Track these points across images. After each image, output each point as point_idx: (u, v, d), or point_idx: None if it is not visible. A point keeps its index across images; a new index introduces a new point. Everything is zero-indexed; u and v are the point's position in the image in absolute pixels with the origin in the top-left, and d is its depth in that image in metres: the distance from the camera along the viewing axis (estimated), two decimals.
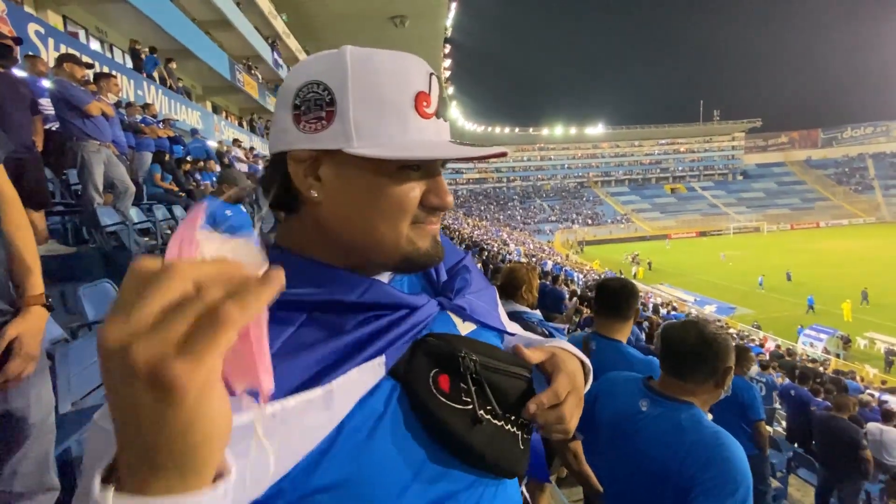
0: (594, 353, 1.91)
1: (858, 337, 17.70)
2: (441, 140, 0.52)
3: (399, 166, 0.50)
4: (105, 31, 11.40)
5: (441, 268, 0.63)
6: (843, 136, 74.71)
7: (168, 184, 6.64)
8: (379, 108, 0.49)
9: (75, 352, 2.03)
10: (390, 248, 0.52)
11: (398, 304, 0.51)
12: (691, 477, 1.06)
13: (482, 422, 0.52)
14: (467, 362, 0.52)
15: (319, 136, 0.49)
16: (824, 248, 38.80)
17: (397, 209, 0.51)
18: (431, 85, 0.51)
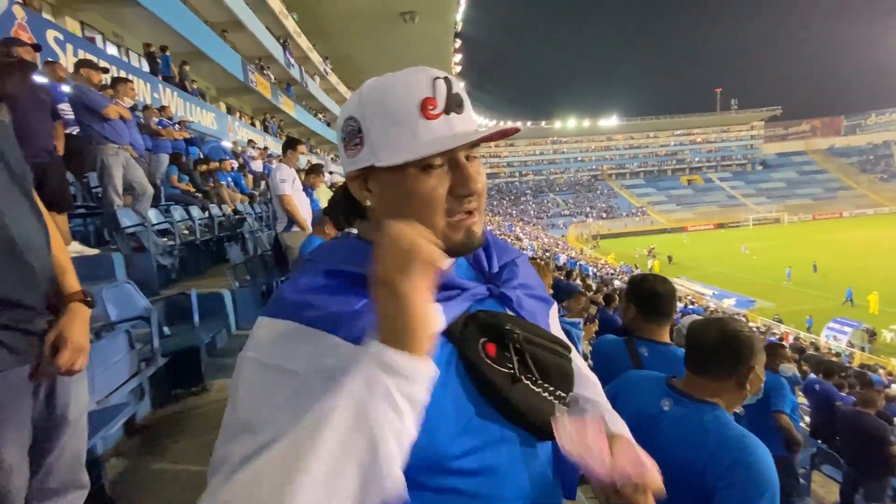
0: (646, 360, 1.79)
1: (885, 330, 17.20)
2: (451, 133, 0.58)
3: (422, 167, 0.58)
4: (121, 36, 11.61)
5: (494, 260, 0.72)
6: (867, 123, 72.43)
7: (185, 185, 6.75)
8: (389, 123, 0.58)
9: (98, 352, 2.07)
10: None
11: (452, 285, 0.62)
12: (715, 480, 1.03)
13: (521, 382, 0.60)
14: (512, 334, 0.62)
15: (359, 157, 0.61)
16: (849, 238, 37.73)
17: (426, 205, 0.59)
18: (436, 88, 0.58)
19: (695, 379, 1.22)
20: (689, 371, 1.24)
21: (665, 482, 1.16)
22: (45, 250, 1.18)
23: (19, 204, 1.14)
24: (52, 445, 1.22)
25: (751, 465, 1.01)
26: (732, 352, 1.16)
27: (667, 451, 1.16)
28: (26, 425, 1.13)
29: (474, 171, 0.60)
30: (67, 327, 1.17)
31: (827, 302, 21.26)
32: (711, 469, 1.05)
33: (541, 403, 0.62)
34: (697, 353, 1.21)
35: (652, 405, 1.24)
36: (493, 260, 0.72)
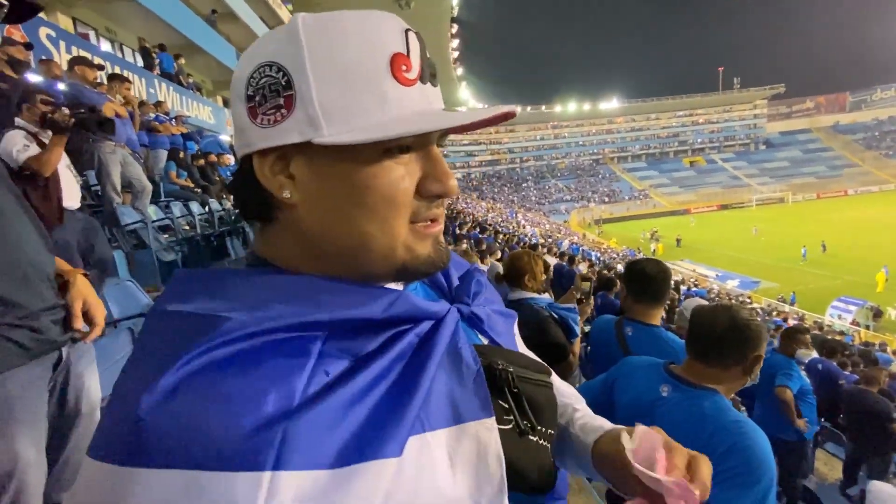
0: (630, 340, 1.84)
1: (890, 308, 17.17)
2: (431, 109, 0.43)
3: (383, 150, 0.41)
4: (115, 31, 11.51)
5: (451, 271, 0.56)
6: (872, 99, 71.37)
7: (184, 180, 6.75)
8: (346, 82, 0.40)
9: (101, 350, 2.09)
10: (383, 254, 0.43)
11: (424, 316, 0.43)
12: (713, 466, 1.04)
13: (525, 438, 0.48)
14: (504, 375, 0.48)
15: (281, 127, 0.40)
16: (855, 216, 37.47)
17: (387, 204, 0.41)
18: (409, 44, 0.42)
19: (696, 365, 1.21)
20: (691, 357, 1.24)
21: None
22: (45, 251, 1.20)
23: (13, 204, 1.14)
24: (67, 439, 1.25)
25: (747, 450, 1.02)
26: (742, 340, 1.15)
27: None
28: (42, 420, 1.16)
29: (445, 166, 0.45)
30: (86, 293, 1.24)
31: (833, 281, 21.19)
32: (709, 453, 1.05)
33: (544, 458, 0.50)
34: (704, 340, 1.20)
35: (651, 391, 1.25)
36: (450, 271, 0.56)
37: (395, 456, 0.35)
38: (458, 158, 69.96)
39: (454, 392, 0.42)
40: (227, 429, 0.31)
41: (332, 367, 0.36)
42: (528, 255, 2.36)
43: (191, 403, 0.31)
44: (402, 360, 0.40)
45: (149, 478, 0.30)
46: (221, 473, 0.30)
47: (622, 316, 1.92)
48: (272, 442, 0.31)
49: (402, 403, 0.37)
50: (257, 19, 17.65)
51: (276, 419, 0.31)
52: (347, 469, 0.32)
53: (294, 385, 0.34)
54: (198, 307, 0.37)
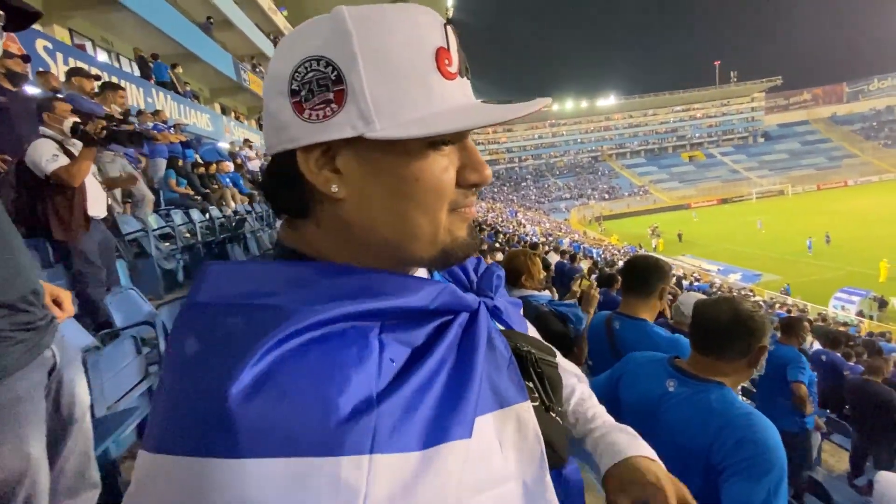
0: (617, 333, 1.87)
1: (893, 297, 17.13)
2: (471, 103, 0.44)
3: (428, 144, 0.42)
4: (111, 41, 11.55)
5: (468, 267, 0.59)
6: (869, 89, 71.29)
7: (183, 188, 6.76)
8: (397, 77, 0.40)
9: (106, 359, 2.10)
10: (428, 241, 0.44)
11: (464, 307, 0.45)
12: (722, 459, 1.03)
13: (549, 415, 0.52)
14: (531, 357, 0.53)
15: (331, 122, 0.40)
16: (855, 207, 37.39)
17: (434, 194, 0.43)
18: (449, 38, 0.43)
19: (701, 359, 1.21)
20: (696, 351, 1.23)
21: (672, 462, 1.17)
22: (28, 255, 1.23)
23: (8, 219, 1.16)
24: (62, 445, 1.26)
25: (757, 443, 1.01)
26: (746, 332, 1.15)
27: (673, 431, 1.16)
28: (44, 423, 1.18)
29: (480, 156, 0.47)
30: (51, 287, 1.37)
31: (835, 272, 21.15)
32: (718, 447, 1.05)
33: (562, 429, 0.55)
34: (709, 334, 1.20)
35: (657, 386, 1.24)
36: (467, 266, 0.59)
37: (467, 437, 0.37)
38: None
39: (493, 378, 0.45)
40: (322, 416, 0.32)
41: (395, 355, 0.38)
42: (524, 254, 2.36)
43: (280, 393, 0.32)
44: (454, 349, 0.42)
45: (251, 468, 0.30)
46: (325, 458, 0.31)
47: (612, 311, 1.94)
48: (368, 426, 0.32)
49: (465, 388, 0.39)
50: (253, 26, 17.71)
51: (366, 405, 0.33)
52: (432, 450, 0.34)
53: (370, 372, 0.35)
54: (253, 300, 0.37)
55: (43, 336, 1.17)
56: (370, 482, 0.31)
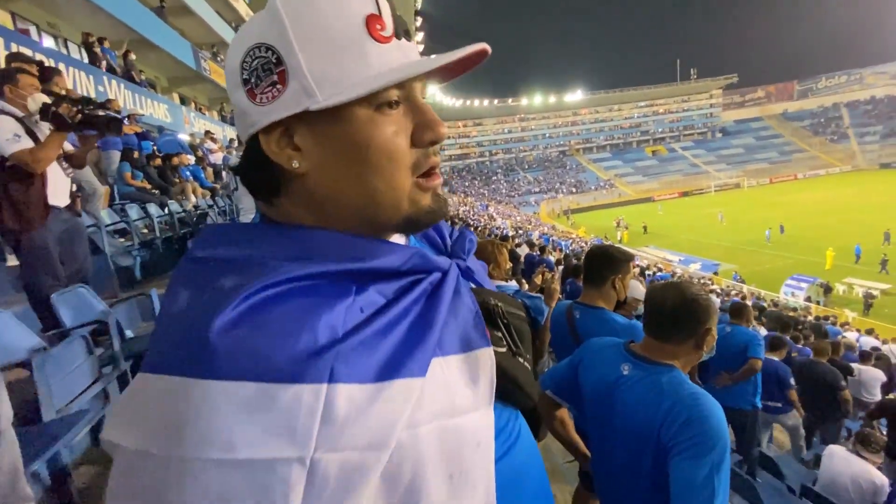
0: (577, 322, 1.94)
1: (838, 283, 18.26)
2: (410, 61, 0.46)
3: (375, 107, 0.45)
4: (58, 26, 10.86)
5: (444, 230, 0.63)
6: (818, 87, 75.21)
7: (140, 181, 6.46)
8: (330, 48, 0.43)
9: (54, 360, 2.00)
10: (390, 206, 0.47)
11: (435, 268, 0.49)
12: (671, 437, 1.08)
13: (516, 360, 0.59)
14: (498, 310, 0.60)
15: (279, 102, 0.44)
16: (804, 199, 39.55)
17: (386, 157, 0.45)
18: (380, 4, 0.45)
19: (653, 343, 1.26)
20: (647, 335, 1.28)
21: (626, 443, 1.22)
22: None
23: None
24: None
25: (702, 421, 1.06)
26: (692, 315, 1.20)
27: (627, 412, 1.21)
28: None
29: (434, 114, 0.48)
30: None
31: (786, 261, 22.35)
32: (667, 427, 1.10)
33: (529, 374, 0.61)
34: (657, 318, 1.25)
35: (613, 371, 1.29)
36: (443, 231, 0.63)
37: (421, 376, 0.41)
38: None
39: (460, 327, 0.50)
40: (290, 348, 0.36)
41: (366, 306, 0.42)
42: (491, 244, 2.38)
43: (256, 329, 0.36)
44: (420, 302, 0.46)
45: (225, 387, 0.34)
46: (289, 385, 0.35)
47: (572, 301, 2.00)
48: (328, 360, 0.37)
49: (425, 334, 0.43)
50: (213, 13, 17.00)
51: (329, 343, 0.38)
52: (385, 384, 0.39)
53: (339, 317, 0.40)
54: (244, 254, 0.43)
55: None
56: (326, 407, 0.35)
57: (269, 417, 0.34)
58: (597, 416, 1.32)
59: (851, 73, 73.22)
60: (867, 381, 5.74)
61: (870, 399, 5.56)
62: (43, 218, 2.49)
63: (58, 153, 2.50)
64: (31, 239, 2.49)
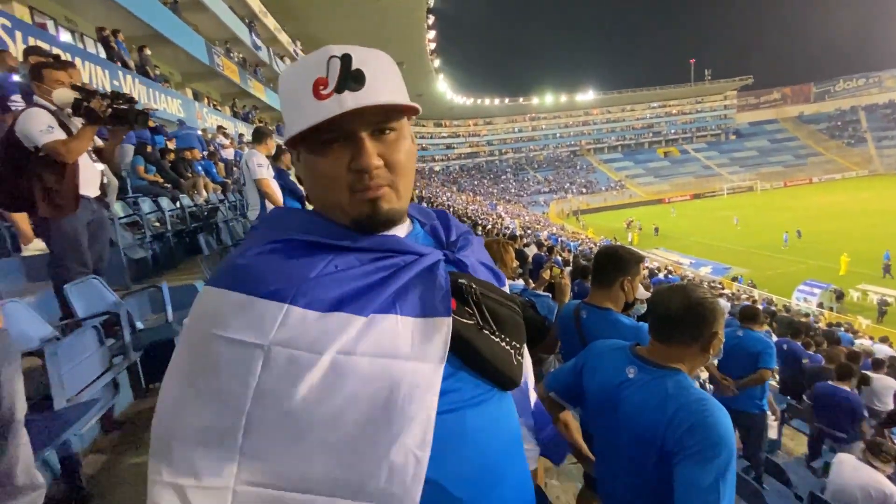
0: (584, 322, 1.92)
1: (851, 289, 17.95)
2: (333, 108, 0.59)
3: (322, 142, 0.60)
4: (74, 21, 11.02)
5: (452, 230, 0.75)
6: (835, 90, 73.90)
7: (152, 175, 6.54)
8: (290, 104, 0.62)
9: (66, 349, 2.03)
10: (338, 212, 0.63)
11: (407, 251, 0.62)
12: (676, 442, 1.06)
13: (483, 332, 0.65)
14: (468, 288, 0.66)
15: (285, 133, 0.64)
16: (819, 203, 38.89)
17: (329, 179, 0.61)
18: (330, 67, 0.59)
19: (659, 346, 1.24)
20: (653, 338, 1.26)
21: (631, 446, 1.20)
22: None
23: None
24: (5, 445, 1.20)
25: (708, 427, 1.04)
26: (697, 318, 1.18)
27: (632, 416, 1.19)
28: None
29: (378, 147, 0.61)
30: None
31: (798, 266, 22.01)
32: (672, 432, 1.08)
33: (503, 352, 0.66)
34: (662, 321, 1.23)
35: (618, 374, 1.27)
36: (450, 231, 0.75)
37: (361, 315, 0.55)
38: (437, 151, 69.72)
39: (425, 297, 0.61)
40: (272, 278, 0.55)
41: (341, 264, 0.58)
42: (497, 242, 2.37)
43: (258, 264, 0.56)
44: (387, 270, 0.60)
45: (229, 294, 0.54)
46: (261, 299, 0.53)
47: (580, 301, 1.98)
48: (292, 289, 0.54)
49: (376, 289, 0.58)
50: (227, 9, 17.15)
51: (299, 279, 0.55)
52: (329, 314, 0.54)
53: (315, 265, 0.57)
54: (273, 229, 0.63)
55: None
56: (283, 318, 0.53)
57: (249, 316, 0.53)
58: (601, 420, 1.30)
59: (870, 76, 71.81)
60: (879, 389, 5.63)
61: (882, 408, 5.46)
62: (74, 206, 2.57)
63: (89, 145, 2.59)
64: (62, 226, 2.58)
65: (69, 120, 2.59)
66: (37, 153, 2.42)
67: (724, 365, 3.45)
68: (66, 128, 2.53)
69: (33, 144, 2.40)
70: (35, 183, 2.47)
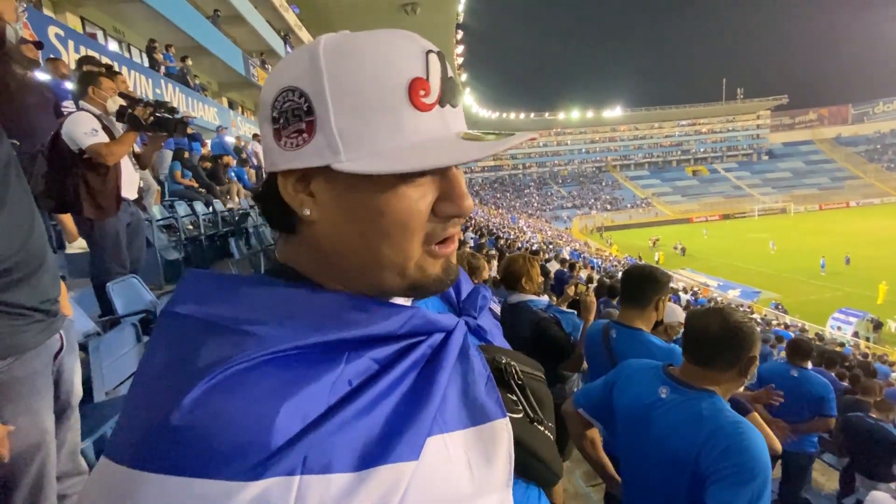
0: (614, 341, 1.90)
1: (889, 319, 17.13)
2: (449, 135, 0.43)
3: (398, 176, 0.42)
4: (122, 31, 11.63)
5: (461, 285, 0.60)
6: (874, 112, 71.46)
7: (188, 180, 6.79)
8: (364, 110, 0.40)
9: (107, 344, 2.12)
10: (396, 273, 0.44)
11: (437, 329, 0.46)
12: (709, 465, 1.05)
13: (535, 426, 0.51)
14: (512, 370, 0.52)
15: (303, 151, 0.42)
16: (857, 228, 37.37)
17: (401, 227, 0.42)
18: (430, 67, 0.42)
19: (694, 368, 1.23)
20: (688, 361, 1.25)
21: (662, 467, 1.19)
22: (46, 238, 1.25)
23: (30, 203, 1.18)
24: (58, 429, 1.27)
25: (743, 451, 1.03)
26: (736, 343, 1.17)
27: (664, 437, 1.18)
28: (52, 400, 1.19)
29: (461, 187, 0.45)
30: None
31: (834, 292, 21.15)
32: (706, 454, 1.07)
33: (551, 445, 0.53)
34: (699, 344, 1.22)
35: (650, 393, 1.26)
36: (461, 286, 0.60)
37: (413, 459, 0.36)
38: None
39: (468, 396, 0.45)
40: (254, 438, 0.32)
41: (355, 376, 0.38)
42: (523, 258, 2.38)
43: (221, 417, 0.32)
44: (416, 369, 0.42)
45: (179, 484, 0.30)
46: (252, 482, 0.31)
47: (609, 320, 1.97)
48: (301, 448, 0.32)
49: (419, 409, 0.39)
50: (264, 22, 17.80)
51: (305, 426, 0.33)
52: (368, 472, 0.34)
53: (319, 396, 0.35)
54: (224, 317, 0.39)
55: (55, 319, 1.19)
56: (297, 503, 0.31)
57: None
58: (631, 439, 1.29)
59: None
60: None
61: None
62: (116, 208, 2.71)
63: (129, 149, 2.73)
64: (105, 227, 2.71)
65: (112, 125, 2.75)
66: (81, 155, 2.56)
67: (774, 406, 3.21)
68: (110, 132, 2.67)
69: (78, 146, 2.53)
70: (80, 184, 2.60)
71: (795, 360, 3.25)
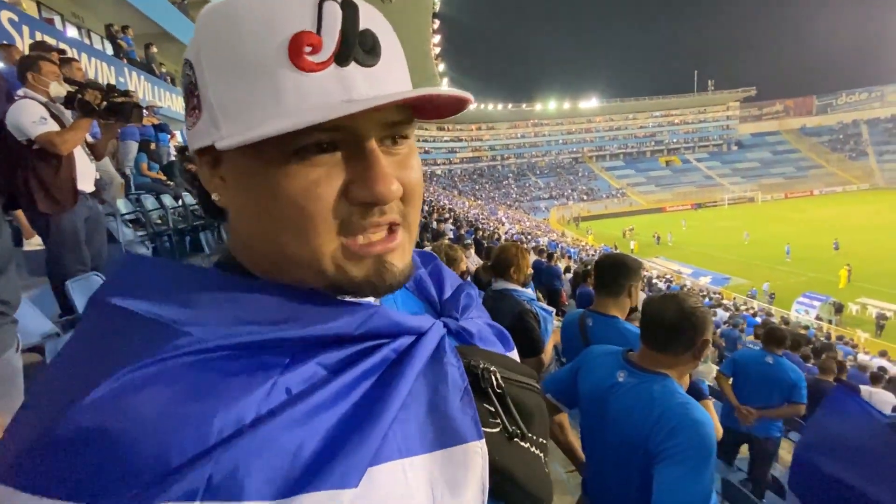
0: (590, 330, 1.93)
1: (850, 302, 17.96)
2: (348, 97, 0.34)
3: (292, 151, 0.34)
4: (82, 17, 11.08)
5: (445, 283, 0.53)
6: (837, 103, 74.20)
7: (155, 173, 6.57)
8: (238, 76, 0.34)
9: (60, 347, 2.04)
10: (308, 269, 0.37)
11: (403, 331, 0.39)
12: (658, 444, 1.09)
13: (515, 443, 0.43)
14: (487, 376, 0.43)
15: (197, 130, 0.37)
16: (820, 215, 38.89)
17: (299, 213, 0.35)
18: (324, 17, 0.34)
19: (649, 352, 1.28)
20: (645, 346, 1.30)
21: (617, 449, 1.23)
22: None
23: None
24: None
25: (689, 429, 1.07)
26: (690, 327, 1.21)
27: (619, 419, 1.23)
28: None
29: (392, 165, 0.37)
30: None
31: (798, 277, 22.01)
32: (655, 434, 1.11)
33: (537, 467, 0.45)
34: (655, 330, 1.26)
35: (609, 377, 1.30)
36: (444, 284, 0.53)
37: (350, 487, 0.30)
38: (439, 155, 69.83)
39: (438, 412, 0.38)
40: (152, 456, 0.27)
41: (297, 384, 0.32)
42: (516, 247, 2.39)
43: (116, 426, 0.27)
44: (371, 377, 0.35)
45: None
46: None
47: (586, 308, 2.00)
48: (204, 471, 0.27)
49: (366, 424, 0.33)
50: None
51: (214, 446, 0.28)
52: (288, 500, 0.28)
53: (244, 406, 0.30)
54: (152, 310, 0.33)
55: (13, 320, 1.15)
56: None
57: None
58: (591, 421, 1.34)
59: (872, 90, 72.06)
60: (877, 404, 5.63)
61: None
62: (73, 202, 2.56)
63: (83, 137, 2.58)
64: (62, 223, 2.57)
65: (62, 113, 2.58)
66: (30, 146, 2.40)
67: (748, 391, 3.24)
68: (59, 120, 2.52)
69: (25, 137, 2.37)
70: (31, 177, 2.44)
71: (770, 346, 3.32)
